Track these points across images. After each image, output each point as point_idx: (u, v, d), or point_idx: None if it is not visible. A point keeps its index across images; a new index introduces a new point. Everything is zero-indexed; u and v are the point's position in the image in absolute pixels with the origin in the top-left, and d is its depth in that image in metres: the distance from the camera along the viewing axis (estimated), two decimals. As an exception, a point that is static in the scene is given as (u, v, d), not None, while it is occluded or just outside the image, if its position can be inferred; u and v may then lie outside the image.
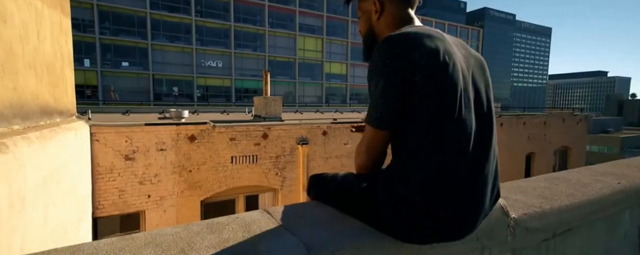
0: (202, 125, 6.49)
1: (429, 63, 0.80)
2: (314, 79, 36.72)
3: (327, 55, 36.73)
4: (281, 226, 0.87)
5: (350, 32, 37.51)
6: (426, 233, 0.82)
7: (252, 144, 7.01)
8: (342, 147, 8.32)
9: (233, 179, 6.87)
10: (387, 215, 0.82)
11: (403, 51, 0.80)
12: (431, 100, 0.80)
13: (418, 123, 0.81)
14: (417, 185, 0.79)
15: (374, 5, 0.99)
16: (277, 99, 13.83)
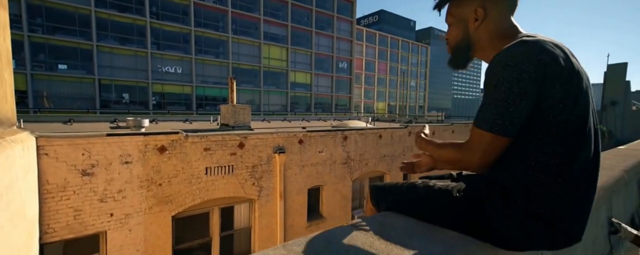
0: (174, 135, 5.85)
1: (570, 75, 0.76)
2: (279, 88, 36.15)
3: (292, 65, 36.46)
4: (382, 238, 0.85)
5: (314, 43, 37.75)
6: (539, 242, 0.81)
7: (228, 154, 6.50)
8: (317, 155, 8.13)
9: (208, 191, 6.28)
10: (500, 224, 0.81)
11: (545, 60, 0.74)
12: (570, 114, 0.76)
13: (551, 135, 0.76)
14: (544, 201, 0.77)
15: (476, 12, 0.90)
16: (245, 107, 13.25)
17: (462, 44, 0.95)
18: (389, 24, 77.57)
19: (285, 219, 7.60)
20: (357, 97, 51.63)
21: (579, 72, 0.78)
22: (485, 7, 0.89)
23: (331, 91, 40.28)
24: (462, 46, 0.95)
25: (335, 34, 39.65)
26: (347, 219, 9.14)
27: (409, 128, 10.73)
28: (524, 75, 0.73)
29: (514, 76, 0.74)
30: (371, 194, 1.16)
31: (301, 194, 7.92)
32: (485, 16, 0.89)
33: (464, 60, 0.98)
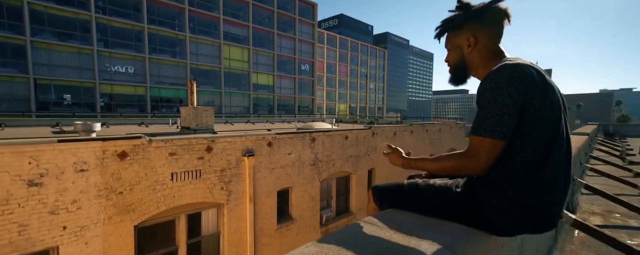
0: (136, 140, 5.49)
1: (544, 89, 0.95)
2: (241, 89, 35.19)
3: (254, 66, 35.74)
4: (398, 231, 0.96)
5: (277, 45, 37.45)
6: (519, 226, 0.98)
7: (195, 158, 6.26)
8: (286, 157, 8.15)
9: (174, 198, 5.98)
10: (494, 213, 0.97)
11: (529, 79, 0.93)
12: (544, 120, 0.94)
13: (531, 138, 0.94)
14: (528, 191, 0.94)
15: (468, 40, 1.11)
16: (208, 109, 12.78)
17: (460, 65, 1.16)
18: (348, 28, 79.74)
19: (255, 223, 7.50)
20: (320, 99, 52.27)
21: (551, 87, 0.98)
22: (476, 35, 1.09)
23: (294, 93, 40.29)
24: (460, 67, 1.16)
25: (298, 36, 39.79)
26: (316, 219, 9.28)
27: (373, 129, 11.20)
28: (512, 90, 0.91)
29: (504, 92, 0.92)
30: (374, 195, 1.27)
31: (271, 196, 7.87)
32: (476, 43, 1.10)
33: (462, 78, 1.19)
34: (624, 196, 3.63)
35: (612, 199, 3.32)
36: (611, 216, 3.21)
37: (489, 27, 1.08)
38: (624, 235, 2.65)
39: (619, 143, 11.45)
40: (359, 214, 10.82)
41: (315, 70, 43.17)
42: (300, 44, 40.51)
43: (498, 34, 1.09)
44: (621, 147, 9.68)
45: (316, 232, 9.28)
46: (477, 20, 1.08)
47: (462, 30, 1.11)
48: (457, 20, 1.12)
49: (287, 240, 8.39)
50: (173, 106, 31.23)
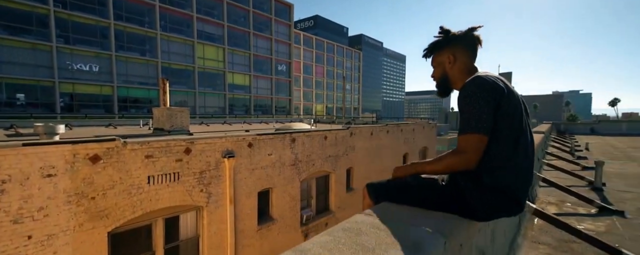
0: (109, 143, 5.23)
1: (508, 94, 1.15)
2: (216, 89, 34.23)
3: (230, 66, 34.91)
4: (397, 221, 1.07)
5: (253, 45, 36.85)
6: (496, 211, 1.15)
7: (173, 161, 6.06)
8: (267, 158, 8.11)
9: (150, 202, 5.75)
10: (475, 201, 1.12)
11: (496, 87, 1.14)
12: (510, 119, 1.14)
13: (501, 136, 1.13)
14: (502, 179, 1.12)
15: (448, 57, 1.33)
16: (183, 110, 12.36)
17: (443, 79, 1.37)
18: (324, 29, 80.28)
19: (236, 224, 7.39)
20: (297, 100, 52.17)
21: (514, 93, 1.19)
22: (454, 54, 1.32)
23: (271, 93, 39.89)
24: (443, 81, 1.37)
25: (274, 37, 39.46)
26: (296, 219, 9.30)
27: (351, 129, 11.41)
28: (484, 94, 1.12)
29: (479, 96, 1.12)
30: (369, 192, 1.39)
31: (251, 197, 7.79)
32: (455, 60, 1.32)
33: (446, 90, 1.41)
34: (574, 187, 4.04)
35: (564, 190, 3.69)
36: (564, 205, 3.55)
37: (465, 48, 1.31)
38: (575, 221, 2.96)
39: (569, 140, 12.61)
40: (338, 212, 10.98)
41: (292, 70, 43.04)
42: (277, 44, 40.20)
43: (473, 54, 1.31)
44: (570, 144, 10.70)
45: (297, 232, 9.31)
46: (455, 43, 1.32)
47: (444, 51, 1.34)
48: (440, 43, 1.35)
49: (268, 241, 8.35)
50: (143, 107, 29.79)
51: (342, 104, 26.42)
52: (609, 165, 6.10)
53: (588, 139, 14.00)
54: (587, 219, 3.03)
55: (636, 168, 5.86)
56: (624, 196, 3.70)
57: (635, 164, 6.38)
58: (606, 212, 3.14)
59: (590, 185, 4.43)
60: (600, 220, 2.88)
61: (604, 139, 14.32)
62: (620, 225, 2.70)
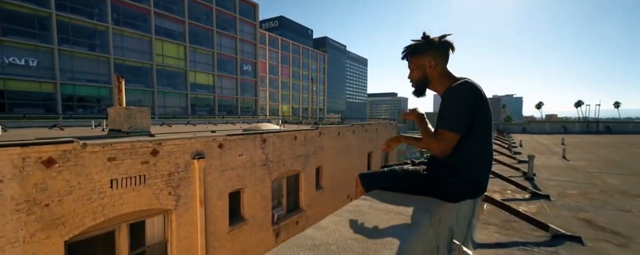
0: (65, 145, 4.81)
1: (484, 98, 1.39)
2: (177, 89, 32.37)
3: (192, 64, 33.24)
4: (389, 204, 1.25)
5: (216, 43, 35.47)
6: (467, 195, 1.38)
7: (139, 163, 5.74)
8: (237, 159, 7.98)
9: (114, 207, 5.39)
10: (452, 187, 1.34)
11: (477, 90, 1.36)
12: (485, 122, 1.37)
13: (475, 137, 1.36)
14: (474, 171, 1.36)
15: (430, 62, 1.49)
16: (143, 110, 11.63)
17: (422, 80, 1.52)
18: (289, 30, 79.91)
19: (207, 226, 7.18)
20: (263, 100, 51.31)
21: (486, 97, 1.40)
22: (435, 59, 1.46)
23: (236, 93, 38.75)
24: (423, 82, 1.53)
25: (239, 36, 38.42)
26: (268, 218, 9.25)
27: (319, 129, 11.61)
28: (468, 98, 1.31)
29: (464, 99, 1.31)
30: (362, 181, 1.57)
31: (222, 198, 7.61)
32: (435, 65, 1.48)
33: (423, 91, 1.56)
34: (513, 177, 4.69)
35: (506, 180, 4.24)
36: (505, 192, 4.06)
37: (443, 54, 1.46)
38: (514, 205, 3.43)
39: (507, 138, 14.20)
40: (308, 210, 11.11)
41: (258, 71, 42.25)
42: (242, 44, 39.19)
43: (447, 58, 1.50)
44: (508, 141, 12.10)
45: (268, 231, 9.26)
46: (435, 48, 1.45)
47: (425, 55, 1.47)
48: (421, 47, 1.47)
49: (240, 242, 8.21)
50: (93, 106, 27.26)
51: (310, 105, 26.62)
52: (537, 159, 7.05)
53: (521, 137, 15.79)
54: (523, 202, 3.50)
55: (557, 161, 6.81)
56: (549, 184, 4.31)
57: (557, 157, 7.41)
58: (536, 196, 3.65)
59: (524, 176, 5.09)
60: (532, 203, 3.35)
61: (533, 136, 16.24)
62: (547, 206, 3.16)
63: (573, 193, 3.56)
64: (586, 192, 3.44)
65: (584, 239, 2.03)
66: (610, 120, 32.74)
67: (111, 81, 27.11)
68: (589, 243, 1.98)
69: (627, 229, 2.26)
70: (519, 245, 1.99)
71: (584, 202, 3.05)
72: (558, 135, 16.08)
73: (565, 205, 2.95)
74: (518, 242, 2.04)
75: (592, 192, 3.46)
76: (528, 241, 2.07)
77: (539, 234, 2.20)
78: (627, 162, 6.15)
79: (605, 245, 1.96)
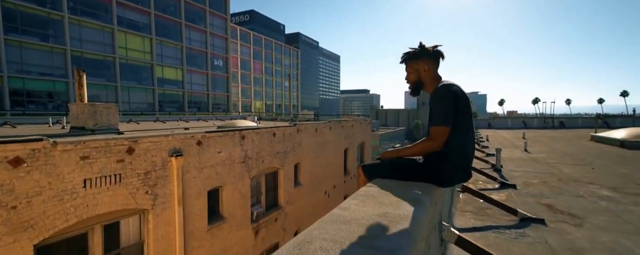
0: (34, 143, 4.53)
1: (463, 97, 1.67)
2: (143, 83, 30.58)
3: (159, 58, 31.54)
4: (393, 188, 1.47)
5: (185, 37, 33.93)
6: (456, 180, 1.65)
7: (114, 161, 5.52)
8: (216, 156, 7.89)
9: (87, 208, 5.16)
10: (444, 173, 1.58)
11: (456, 90, 1.64)
12: (465, 116, 1.65)
13: (459, 128, 1.64)
14: (462, 158, 1.62)
15: (424, 67, 1.77)
16: (110, 106, 11.06)
17: (418, 82, 1.79)
18: (260, 25, 78.36)
19: (185, 226, 7.06)
20: (235, 96, 50.06)
21: (466, 97, 1.66)
22: (428, 65, 1.73)
23: (207, 89, 37.45)
24: (418, 84, 1.79)
25: (209, 30, 37.08)
26: (247, 216, 9.24)
27: (298, 126, 11.73)
28: (450, 97, 1.57)
29: (447, 98, 1.57)
30: (364, 170, 1.77)
31: (201, 197, 7.51)
32: (428, 69, 1.75)
33: (418, 91, 1.82)
34: (484, 169, 5.17)
35: (478, 171, 4.68)
36: (478, 182, 4.51)
37: (435, 61, 1.75)
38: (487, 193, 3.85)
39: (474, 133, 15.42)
40: (287, 207, 11.22)
41: (230, 66, 41.12)
42: (213, 38, 37.88)
43: (438, 65, 1.77)
44: (476, 136, 13.11)
45: (247, 229, 9.26)
46: (429, 56, 1.73)
47: (420, 61, 1.74)
48: (418, 54, 1.75)
49: (219, 240, 8.16)
50: (46, 102, 25.05)
51: (282, 101, 26.49)
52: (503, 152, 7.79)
53: (487, 132, 17.04)
54: (493, 191, 3.93)
55: (520, 154, 7.56)
56: (514, 174, 4.84)
57: (519, 150, 8.20)
58: (505, 186, 4.11)
59: (493, 167, 5.63)
60: (502, 192, 3.78)
61: (496, 132, 17.60)
62: (514, 194, 3.60)
63: (535, 182, 4.06)
64: (546, 181, 3.94)
65: (547, 221, 2.39)
66: (563, 116, 36.25)
67: (68, 75, 25.08)
68: (550, 224, 2.34)
69: (581, 211, 2.69)
70: (493, 229, 2.30)
71: (545, 190, 3.52)
72: (519, 130, 17.55)
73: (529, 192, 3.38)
74: (492, 226, 2.35)
75: (551, 180, 3.96)
76: (500, 225, 2.39)
77: (509, 218, 2.55)
78: (579, 154, 6.99)
79: (564, 225, 2.34)
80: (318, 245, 0.77)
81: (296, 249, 0.75)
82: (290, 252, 0.73)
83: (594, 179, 4.07)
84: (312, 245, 0.77)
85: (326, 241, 0.79)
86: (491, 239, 2.01)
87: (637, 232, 2.18)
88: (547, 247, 1.96)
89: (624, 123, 19.74)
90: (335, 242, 0.78)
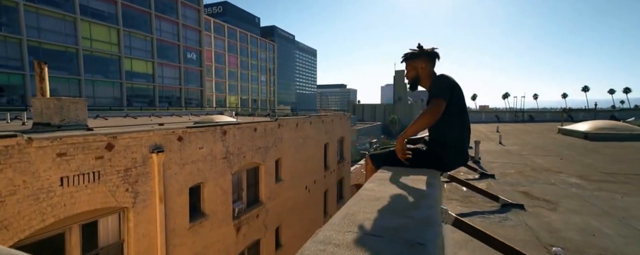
0: (7, 139, 4.28)
1: (458, 86, 1.93)
2: (109, 77, 28.77)
3: (127, 50, 29.78)
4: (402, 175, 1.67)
5: (156, 28, 32.26)
6: (456, 164, 1.93)
7: (93, 158, 5.32)
8: (197, 152, 7.78)
9: (65, 207, 4.96)
10: (446, 157, 1.85)
11: (451, 82, 1.89)
12: (459, 102, 1.91)
13: (458, 115, 1.89)
14: (460, 144, 1.90)
15: (421, 65, 2.01)
16: (78, 101, 10.50)
17: (416, 78, 2.02)
18: (234, 17, 76.25)
19: (167, 224, 6.94)
20: (209, 91, 48.56)
21: (460, 87, 1.89)
22: (426, 63, 1.98)
23: (180, 83, 36.01)
24: (416, 80, 2.02)
25: (181, 21, 35.55)
26: (228, 213, 9.21)
27: (279, 121, 11.76)
28: (445, 81, 1.82)
29: (442, 82, 1.83)
30: (372, 160, 1.96)
31: (182, 194, 7.40)
32: (426, 67, 1.99)
33: (416, 86, 2.05)
34: None
35: None
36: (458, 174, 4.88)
37: (432, 60, 1.99)
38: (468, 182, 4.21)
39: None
40: (268, 203, 11.28)
41: (204, 59, 39.79)
42: (185, 30, 36.37)
43: (434, 64, 2.01)
44: None
45: (229, 226, 9.24)
46: (427, 56, 1.98)
47: (418, 60, 2.01)
48: (417, 54, 2.01)
49: (201, 238, 8.09)
50: None
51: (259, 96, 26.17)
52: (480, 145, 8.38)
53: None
54: (474, 181, 4.29)
55: (495, 146, 8.17)
56: (492, 165, 5.28)
57: (494, 143, 8.85)
58: (484, 176, 4.49)
59: (472, 159, 6.06)
60: (482, 182, 4.14)
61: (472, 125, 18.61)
62: (494, 184, 3.97)
63: (511, 172, 4.48)
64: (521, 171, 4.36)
65: (526, 206, 2.72)
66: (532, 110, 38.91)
67: (25, 67, 23.08)
68: (529, 209, 2.67)
69: (554, 197, 3.06)
70: (478, 214, 2.58)
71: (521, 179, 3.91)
72: (493, 124, 18.64)
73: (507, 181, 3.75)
74: (477, 212, 2.64)
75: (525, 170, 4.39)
76: (484, 210, 2.68)
77: (491, 204, 2.85)
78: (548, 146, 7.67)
79: (541, 209, 2.67)
80: (362, 216, 0.93)
81: (345, 218, 0.90)
82: (343, 220, 0.89)
83: (562, 168, 4.56)
84: (358, 216, 0.93)
85: (367, 213, 0.95)
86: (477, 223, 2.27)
87: (603, 214, 2.54)
88: (528, 228, 2.24)
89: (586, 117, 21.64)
90: (375, 213, 0.95)
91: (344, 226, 0.86)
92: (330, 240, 0.78)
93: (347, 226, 0.86)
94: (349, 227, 0.86)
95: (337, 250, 0.72)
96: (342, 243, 0.76)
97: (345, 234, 0.81)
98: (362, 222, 0.89)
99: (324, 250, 0.72)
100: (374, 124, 72.14)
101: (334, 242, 0.77)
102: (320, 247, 0.74)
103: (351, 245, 0.75)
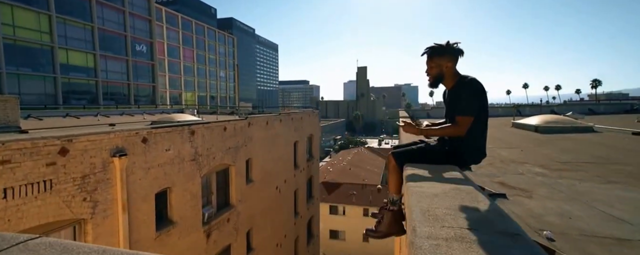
0: None
1: (485, 91, 2.03)
2: (39, 70, 25.46)
3: (62, 40, 26.57)
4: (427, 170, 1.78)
5: (98, 16, 29.20)
6: (476, 160, 2.09)
7: (43, 165, 4.75)
8: (164, 154, 7.32)
9: (9, 222, 4.37)
10: (468, 156, 2.02)
11: (483, 87, 2.02)
12: (485, 109, 2.02)
13: (481, 120, 2.03)
14: (480, 144, 2.05)
15: (447, 63, 2.05)
16: (10, 99, 9.33)
17: (439, 76, 2.06)
18: (187, 6, 72.35)
19: (131, 235, 6.45)
20: (162, 87, 45.45)
21: (486, 93, 2.00)
22: (451, 60, 2.02)
23: (128, 78, 33.18)
24: (439, 77, 2.06)
25: (128, 9, 32.72)
26: (198, 218, 8.82)
27: (249, 119, 11.48)
28: (481, 93, 1.93)
29: (478, 93, 1.91)
30: (395, 157, 2.03)
31: (148, 201, 6.92)
32: (451, 65, 2.03)
33: (438, 84, 2.11)
34: None
35: None
36: None
37: (457, 57, 2.02)
38: None
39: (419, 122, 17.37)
40: (239, 206, 10.99)
41: (156, 52, 37.12)
42: (133, 19, 33.55)
43: (457, 61, 2.06)
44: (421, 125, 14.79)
45: (199, 232, 8.85)
46: (452, 52, 1.99)
47: (444, 56, 2.00)
48: (442, 50, 2.00)
49: (169, 248, 7.66)
50: None
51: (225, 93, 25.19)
52: None
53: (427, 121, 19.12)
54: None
55: None
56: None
57: None
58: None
59: None
60: None
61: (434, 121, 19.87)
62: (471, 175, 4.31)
63: (483, 164, 4.87)
64: (492, 163, 4.76)
65: (508, 195, 2.99)
66: None
67: None
68: (510, 197, 2.94)
69: (527, 185, 3.41)
70: (468, 202, 2.82)
71: (494, 170, 4.27)
72: None
73: (483, 173, 4.07)
74: (468, 200, 2.87)
75: (495, 162, 4.80)
76: None
77: None
78: (507, 138, 8.43)
79: (519, 198, 2.96)
80: (439, 211, 0.99)
81: (427, 214, 0.96)
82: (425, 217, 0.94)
83: (525, 159, 5.08)
84: (433, 212, 0.98)
85: (439, 208, 1.01)
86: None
87: (570, 199, 2.90)
88: (514, 215, 2.48)
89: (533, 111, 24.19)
90: (446, 208, 1.01)
91: (432, 222, 0.91)
92: (435, 235, 0.82)
93: (434, 221, 0.91)
94: (438, 222, 0.91)
95: (452, 244, 0.77)
96: (450, 237, 0.81)
97: (442, 229, 0.86)
98: (444, 217, 0.95)
99: (439, 245, 0.76)
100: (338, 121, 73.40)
101: (441, 237, 0.81)
102: (432, 242, 0.78)
103: (459, 238, 0.80)
